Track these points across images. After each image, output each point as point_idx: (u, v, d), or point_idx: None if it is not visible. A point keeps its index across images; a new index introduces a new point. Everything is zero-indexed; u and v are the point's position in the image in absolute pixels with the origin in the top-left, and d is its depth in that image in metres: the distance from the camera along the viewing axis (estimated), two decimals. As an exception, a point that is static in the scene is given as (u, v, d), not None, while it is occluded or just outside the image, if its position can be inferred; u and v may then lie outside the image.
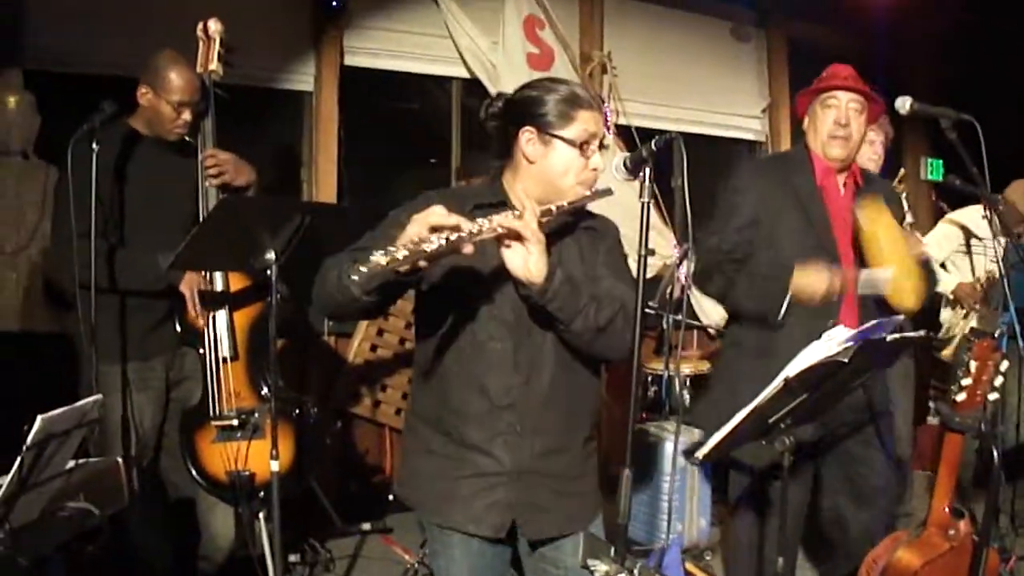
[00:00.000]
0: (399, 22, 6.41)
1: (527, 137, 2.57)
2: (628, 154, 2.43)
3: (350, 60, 6.24)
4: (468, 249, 2.24)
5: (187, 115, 3.89)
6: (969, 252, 5.86)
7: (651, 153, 2.36)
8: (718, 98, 7.84)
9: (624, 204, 4.58)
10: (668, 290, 5.77)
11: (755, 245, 3.71)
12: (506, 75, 6.34)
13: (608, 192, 2.53)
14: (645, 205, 2.32)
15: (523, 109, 2.60)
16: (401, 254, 2.15)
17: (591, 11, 7.13)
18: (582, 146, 2.55)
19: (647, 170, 2.35)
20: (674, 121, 7.49)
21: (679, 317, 5.94)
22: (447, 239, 2.19)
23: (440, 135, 6.81)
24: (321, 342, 5.74)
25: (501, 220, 2.28)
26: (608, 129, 6.65)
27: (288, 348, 5.19)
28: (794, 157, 3.91)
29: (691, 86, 7.66)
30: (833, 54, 3.97)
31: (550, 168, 2.57)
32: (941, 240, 5.88)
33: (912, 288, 3.56)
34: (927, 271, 3.73)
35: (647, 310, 5.30)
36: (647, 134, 6.88)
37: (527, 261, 2.32)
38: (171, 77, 3.84)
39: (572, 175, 2.56)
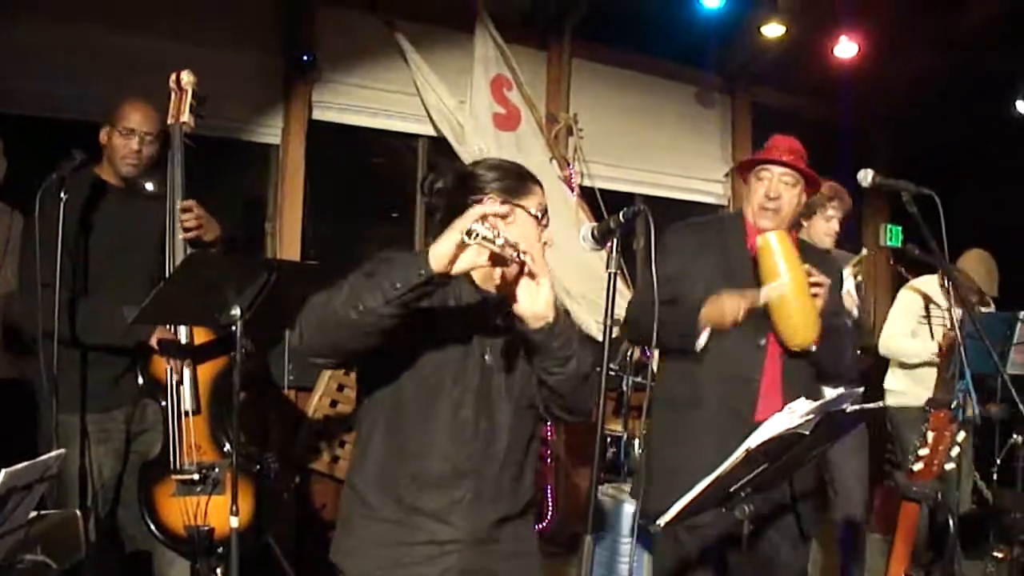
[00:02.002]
0: (368, 78, 6.50)
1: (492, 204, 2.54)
2: (595, 224, 2.47)
3: (318, 114, 6.33)
4: (513, 268, 2.21)
5: (134, 144, 3.92)
6: (928, 320, 5.93)
7: (618, 224, 2.40)
8: (682, 162, 7.97)
9: (583, 263, 4.65)
10: (628, 352, 5.82)
11: (679, 295, 3.69)
12: (472, 134, 6.42)
13: None
14: (612, 275, 2.36)
15: (482, 180, 2.58)
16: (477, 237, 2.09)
17: (558, 73, 7.24)
18: (538, 217, 2.55)
19: (614, 241, 2.39)
20: (638, 184, 7.67)
21: (639, 379, 6.01)
22: (506, 241, 2.13)
23: (405, 191, 6.86)
24: (282, 396, 5.74)
25: (521, 242, 2.21)
26: (572, 190, 6.77)
27: (249, 401, 5.17)
28: (730, 220, 4.02)
29: (655, 149, 7.79)
30: (797, 120, 4.05)
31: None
32: (905, 310, 5.90)
33: (799, 325, 3.57)
34: (830, 320, 3.73)
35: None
36: (611, 196, 7.01)
37: (538, 295, 2.28)
38: (125, 108, 3.94)
39: (534, 245, 2.52)
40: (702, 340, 3.59)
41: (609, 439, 6.07)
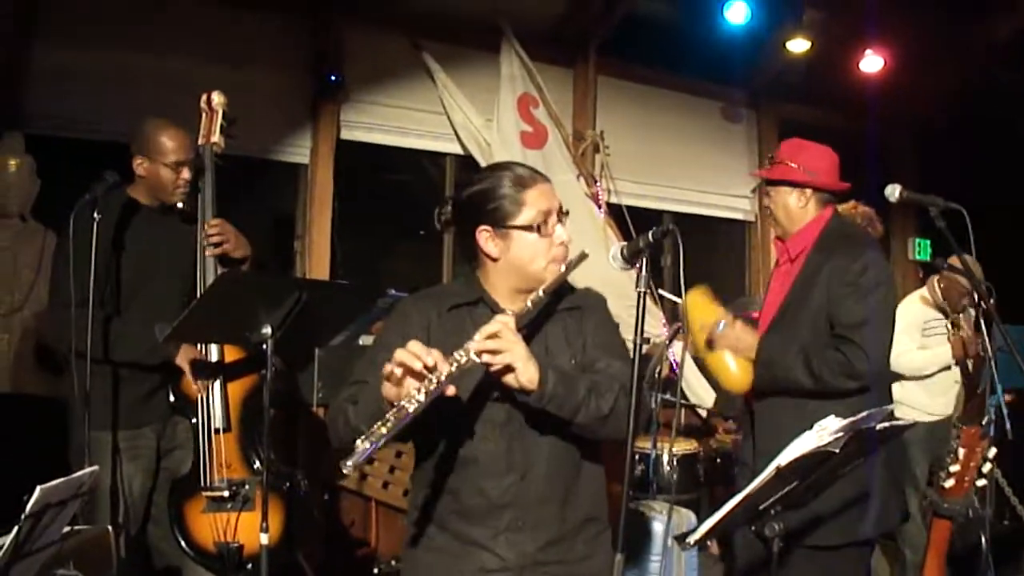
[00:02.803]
0: (395, 98, 6.54)
1: (484, 236, 2.57)
2: (625, 244, 2.46)
3: (346, 134, 6.36)
4: (451, 391, 2.22)
5: (186, 174, 3.96)
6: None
7: (648, 244, 2.39)
8: (708, 178, 7.96)
9: (610, 281, 4.68)
10: (657, 369, 5.80)
11: None
12: (499, 152, 6.43)
13: (584, 256, 2.51)
14: (641, 295, 2.35)
15: (473, 208, 2.59)
16: (384, 428, 2.14)
17: (584, 90, 7.26)
18: (539, 228, 2.53)
19: (644, 260, 2.38)
20: (665, 200, 7.68)
21: (668, 396, 5.99)
22: (426, 392, 2.18)
23: (432, 209, 6.78)
24: (311, 414, 5.75)
25: (477, 346, 2.26)
26: (599, 207, 6.77)
27: (278, 419, 5.18)
28: None
29: (682, 166, 7.78)
30: (824, 135, 4.05)
31: (517, 260, 2.56)
32: (908, 326, 5.80)
33: (730, 372, 3.71)
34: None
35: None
36: (638, 213, 7.00)
37: (516, 374, 2.31)
38: (163, 140, 3.94)
39: (541, 258, 2.55)
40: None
41: (638, 456, 6.04)
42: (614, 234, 6.80)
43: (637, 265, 2.42)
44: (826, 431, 2.28)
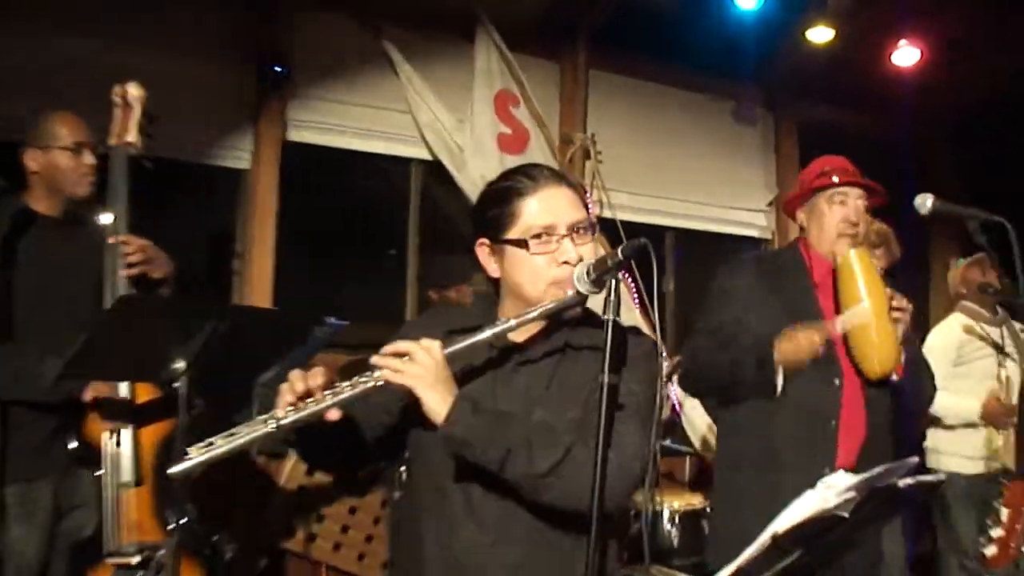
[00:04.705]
0: (352, 93, 6.48)
1: (483, 251, 2.52)
2: (591, 262, 2.33)
3: (294, 135, 6.30)
4: (333, 415, 2.26)
5: (88, 158, 3.92)
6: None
7: (617, 264, 2.26)
8: (718, 189, 7.91)
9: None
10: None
11: (739, 337, 3.80)
12: (472, 158, 6.40)
13: (581, 299, 2.39)
14: (610, 323, 2.21)
15: (475, 218, 2.55)
16: (224, 441, 2.27)
17: (573, 87, 7.22)
18: (527, 243, 2.40)
19: (613, 283, 2.25)
20: (665, 214, 7.64)
21: (667, 441, 5.90)
22: (295, 411, 2.25)
23: (396, 225, 6.81)
24: (249, 463, 5.64)
25: (376, 360, 2.30)
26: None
27: (209, 470, 5.07)
28: (788, 256, 4.09)
29: (687, 175, 7.74)
30: (850, 139, 4.02)
31: (513, 279, 2.46)
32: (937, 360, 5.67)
33: (878, 351, 3.65)
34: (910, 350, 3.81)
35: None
36: (634, 228, 6.91)
37: (425, 404, 2.27)
38: (54, 125, 3.93)
39: (540, 279, 2.41)
40: (778, 382, 3.67)
41: (633, 513, 5.94)
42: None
43: (606, 288, 2.29)
44: (833, 490, 2.14)
